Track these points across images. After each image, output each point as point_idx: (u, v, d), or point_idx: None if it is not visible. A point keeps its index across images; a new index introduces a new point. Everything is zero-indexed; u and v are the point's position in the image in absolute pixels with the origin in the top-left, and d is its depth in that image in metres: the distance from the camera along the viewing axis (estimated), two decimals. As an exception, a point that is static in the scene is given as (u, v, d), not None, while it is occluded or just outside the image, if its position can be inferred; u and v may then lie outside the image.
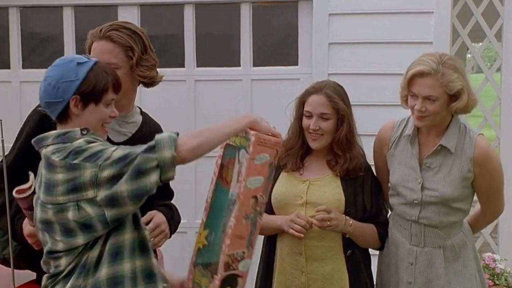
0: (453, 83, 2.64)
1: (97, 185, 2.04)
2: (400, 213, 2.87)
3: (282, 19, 4.87)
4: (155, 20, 4.94)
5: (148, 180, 2.04)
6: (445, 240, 2.81)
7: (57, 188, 2.08)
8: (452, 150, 2.74)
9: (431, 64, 2.62)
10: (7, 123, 2.49)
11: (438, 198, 2.75)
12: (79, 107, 2.17)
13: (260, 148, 2.25)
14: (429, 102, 2.65)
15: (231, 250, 2.24)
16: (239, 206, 2.25)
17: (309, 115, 2.87)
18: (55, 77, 2.15)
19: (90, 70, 2.18)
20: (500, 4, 4.47)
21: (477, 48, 4.88)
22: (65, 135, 2.14)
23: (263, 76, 4.75)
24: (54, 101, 2.16)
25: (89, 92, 2.17)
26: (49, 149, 2.13)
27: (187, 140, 2.11)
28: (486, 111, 4.56)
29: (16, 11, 5.00)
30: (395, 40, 4.34)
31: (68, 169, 2.06)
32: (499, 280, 4.16)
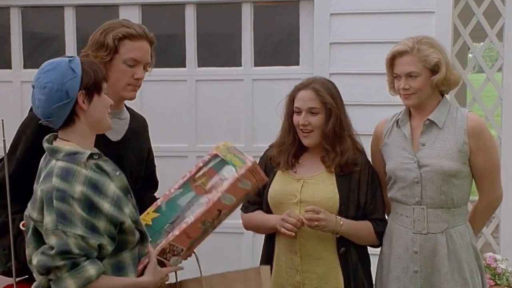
0: (430, 57, 2.79)
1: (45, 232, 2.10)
2: (401, 199, 2.89)
3: (283, 19, 4.87)
4: (156, 20, 4.94)
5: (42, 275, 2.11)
6: (448, 226, 2.84)
7: (34, 200, 2.16)
8: (440, 124, 2.84)
9: (407, 43, 2.83)
10: (9, 123, 2.49)
11: (437, 172, 2.80)
12: (86, 102, 2.18)
13: (249, 176, 2.42)
14: (411, 79, 2.80)
15: (174, 242, 2.38)
16: (204, 210, 2.39)
17: (298, 111, 2.88)
18: (55, 80, 2.16)
19: (82, 63, 2.20)
20: (501, 3, 4.46)
21: (478, 48, 4.87)
22: (75, 155, 2.15)
23: (264, 76, 4.75)
24: (63, 104, 2.16)
25: (92, 83, 2.19)
26: (58, 164, 2.15)
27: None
28: (487, 111, 4.55)
29: (17, 11, 5.00)
30: (397, 40, 4.27)
31: (46, 198, 2.10)
32: (501, 280, 4.15)
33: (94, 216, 2.10)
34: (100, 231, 2.11)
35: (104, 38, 2.58)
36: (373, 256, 3.03)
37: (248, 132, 4.75)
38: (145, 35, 2.62)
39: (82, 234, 2.07)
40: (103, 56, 2.56)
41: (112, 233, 2.15)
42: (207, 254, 4.91)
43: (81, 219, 2.08)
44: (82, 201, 2.08)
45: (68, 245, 2.06)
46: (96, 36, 2.61)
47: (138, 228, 2.24)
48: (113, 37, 2.56)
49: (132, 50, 2.60)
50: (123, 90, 2.64)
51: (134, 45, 2.60)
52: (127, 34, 2.58)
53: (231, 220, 3.04)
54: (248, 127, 4.77)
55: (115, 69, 2.60)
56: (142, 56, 2.62)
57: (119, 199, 2.15)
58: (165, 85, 4.75)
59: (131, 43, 2.59)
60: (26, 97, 4.91)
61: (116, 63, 2.60)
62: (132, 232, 2.20)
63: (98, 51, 2.58)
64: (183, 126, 4.82)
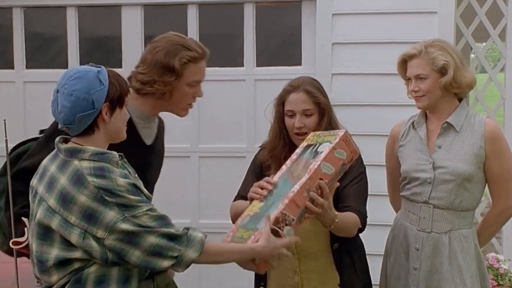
0: (437, 59, 2.83)
1: (111, 230, 2.10)
2: (410, 197, 2.92)
3: (286, 19, 4.87)
4: (159, 20, 4.94)
5: (160, 262, 2.17)
6: (453, 227, 2.85)
7: (74, 206, 2.11)
8: (458, 128, 2.86)
9: (417, 47, 2.89)
10: (11, 123, 2.49)
11: (451, 175, 2.82)
12: (108, 114, 2.20)
13: (343, 145, 2.51)
14: (420, 82, 2.86)
15: (285, 211, 2.42)
16: (307, 179, 2.46)
17: (292, 114, 2.86)
18: (82, 89, 2.15)
19: (108, 76, 2.21)
20: (504, 4, 4.46)
21: (480, 48, 4.87)
22: (103, 155, 2.18)
23: (266, 76, 4.75)
24: (87, 113, 2.17)
25: (117, 97, 2.22)
26: (84, 164, 2.15)
27: (211, 251, 2.26)
28: (490, 111, 4.55)
29: (19, 11, 5.00)
30: (399, 40, 4.33)
31: (96, 200, 2.10)
32: (503, 281, 4.15)
33: (142, 196, 2.18)
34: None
35: (168, 61, 2.60)
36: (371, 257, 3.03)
37: (250, 132, 4.75)
38: (204, 53, 2.68)
39: (149, 208, 2.16)
40: (171, 82, 2.62)
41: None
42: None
43: (138, 201, 2.14)
44: (129, 189, 2.14)
45: (156, 218, 2.17)
46: (159, 58, 2.62)
47: None
48: (179, 63, 2.60)
49: (196, 72, 2.67)
50: (182, 109, 2.75)
51: (197, 68, 2.66)
52: (191, 59, 2.63)
53: (232, 220, 3.06)
54: (250, 127, 4.77)
55: (178, 91, 2.66)
56: (202, 77, 2.70)
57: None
58: (167, 85, 4.75)
59: (195, 66, 2.66)
60: (29, 97, 4.96)
61: (179, 86, 2.65)
62: None
63: (164, 76, 2.61)
64: (185, 126, 4.82)
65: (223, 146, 3.12)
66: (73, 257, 2.13)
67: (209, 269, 4.90)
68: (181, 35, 2.70)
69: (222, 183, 4.51)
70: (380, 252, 3.12)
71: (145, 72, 2.64)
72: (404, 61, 2.92)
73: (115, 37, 4.92)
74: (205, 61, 2.70)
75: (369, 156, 3.03)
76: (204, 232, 2.24)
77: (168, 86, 2.62)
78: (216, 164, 3.08)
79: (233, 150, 4.40)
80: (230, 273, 4.87)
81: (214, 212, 4.68)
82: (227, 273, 4.88)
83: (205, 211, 4.79)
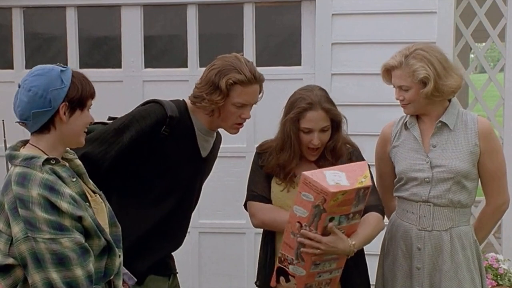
0: (417, 72, 2.82)
1: (14, 243, 2.08)
2: (409, 197, 2.92)
3: (285, 19, 4.86)
4: (158, 20, 4.95)
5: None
6: (453, 224, 2.87)
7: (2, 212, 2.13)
8: (451, 126, 2.89)
9: (397, 58, 2.88)
10: (10, 124, 2.49)
11: (449, 173, 2.84)
12: (67, 114, 2.18)
13: (306, 188, 2.55)
14: (404, 92, 2.88)
15: (282, 251, 2.72)
16: (287, 223, 2.67)
17: (308, 131, 2.85)
18: (41, 86, 2.15)
19: (72, 76, 2.20)
20: (503, 4, 4.46)
21: (480, 48, 4.87)
22: (31, 160, 2.14)
23: (266, 76, 4.69)
24: (42, 111, 2.15)
25: (77, 98, 2.19)
26: (15, 170, 2.14)
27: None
28: (490, 111, 4.55)
29: (19, 11, 5.00)
30: (398, 40, 4.32)
31: (10, 209, 2.09)
32: (502, 281, 4.15)
33: (58, 215, 2.07)
34: (69, 228, 2.08)
35: (218, 81, 2.71)
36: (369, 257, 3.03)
37: (250, 132, 4.74)
38: (254, 79, 2.76)
39: (50, 237, 2.06)
40: (217, 101, 2.72)
41: (80, 228, 2.12)
42: (210, 254, 4.93)
43: (44, 221, 2.06)
44: (42, 203, 2.06)
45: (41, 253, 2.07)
46: (211, 76, 2.74)
47: (104, 236, 2.20)
48: (226, 83, 2.70)
49: (242, 95, 2.75)
50: (230, 127, 2.85)
51: (244, 91, 2.75)
52: (238, 81, 2.72)
53: (233, 220, 3.06)
54: (250, 127, 4.76)
55: (224, 109, 2.77)
56: (249, 100, 2.79)
57: (75, 200, 2.12)
58: (167, 85, 4.74)
59: (241, 89, 2.74)
60: (28, 97, 4.93)
61: (226, 105, 2.75)
62: (96, 234, 2.16)
63: (212, 94, 2.72)
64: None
65: (222, 146, 3.11)
66: (10, 263, 2.11)
67: (209, 269, 4.90)
68: (240, 57, 2.79)
69: (221, 183, 4.51)
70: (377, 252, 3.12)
71: (198, 87, 2.78)
72: (387, 70, 2.93)
73: (114, 37, 4.92)
74: (255, 86, 2.78)
75: (368, 155, 3.04)
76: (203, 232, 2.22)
77: (214, 105, 2.73)
78: (215, 163, 3.08)
79: (232, 150, 4.39)
80: (230, 273, 4.88)
81: (214, 212, 4.68)
82: (227, 273, 4.89)
83: (204, 210, 4.78)
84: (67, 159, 2.30)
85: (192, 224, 3.11)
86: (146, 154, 2.73)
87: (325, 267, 2.70)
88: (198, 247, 4.82)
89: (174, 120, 2.75)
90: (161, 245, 2.85)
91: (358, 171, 2.61)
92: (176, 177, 2.82)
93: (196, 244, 4.79)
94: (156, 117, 2.70)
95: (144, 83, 4.83)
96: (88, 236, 2.14)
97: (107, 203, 2.36)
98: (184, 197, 2.89)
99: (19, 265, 2.10)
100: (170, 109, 2.76)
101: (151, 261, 2.79)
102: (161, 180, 2.80)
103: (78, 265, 2.07)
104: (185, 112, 2.83)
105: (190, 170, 2.88)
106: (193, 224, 4.28)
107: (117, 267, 2.24)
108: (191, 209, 3.01)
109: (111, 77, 4.85)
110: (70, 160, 2.31)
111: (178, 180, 2.83)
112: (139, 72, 4.87)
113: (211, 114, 2.78)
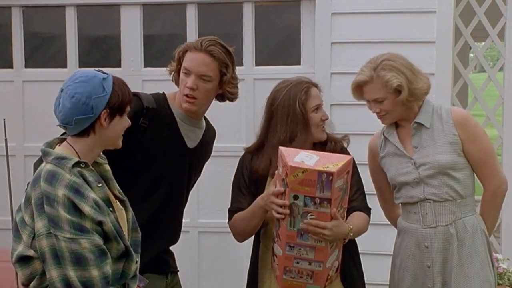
0: (390, 82, 2.85)
1: (36, 238, 2.14)
2: (409, 200, 2.95)
3: (285, 18, 4.87)
4: (158, 20, 4.94)
5: None
6: (456, 217, 2.89)
7: (29, 206, 2.18)
8: (427, 124, 2.93)
9: (366, 72, 2.89)
10: (10, 123, 2.49)
11: (434, 168, 2.88)
12: (107, 120, 2.23)
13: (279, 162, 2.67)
14: (380, 104, 2.90)
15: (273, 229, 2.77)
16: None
17: (317, 107, 2.91)
18: (84, 93, 2.19)
19: (113, 84, 2.25)
20: (503, 3, 4.46)
21: (479, 48, 4.87)
22: (62, 160, 2.20)
23: (265, 75, 4.75)
24: (85, 117, 2.20)
25: (117, 105, 2.25)
26: (46, 167, 2.20)
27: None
28: (489, 111, 4.55)
29: (18, 10, 5.00)
30: (398, 40, 4.33)
31: (37, 204, 2.15)
32: (502, 280, 4.15)
33: (80, 217, 2.13)
34: (89, 230, 2.14)
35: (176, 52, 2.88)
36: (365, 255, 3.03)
37: (249, 131, 4.74)
38: (200, 46, 2.81)
39: (71, 236, 2.11)
40: (172, 69, 2.90)
41: (100, 232, 2.18)
42: (209, 254, 4.93)
43: (67, 221, 2.11)
44: (66, 204, 2.12)
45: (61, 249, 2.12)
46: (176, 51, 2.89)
47: (123, 241, 2.25)
48: (178, 52, 2.85)
49: (187, 60, 2.81)
50: (182, 101, 2.84)
51: (189, 56, 2.81)
52: (186, 47, 2.82)
53: (233, 219, 3.06)
54: (250, 127, 4.77)
55: (179, 80, 2.86)
56: (192, 66, 2.80)
57: (98, 205, 2.18)
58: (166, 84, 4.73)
59: (188, 54, 2.82)
60: (28, 96, 4.96)
61: (180, 74, 2.85)
62: (115, 239, 2.21)
63: (172, 65, 2.90)
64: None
65: (221, 145, 3.12)
66: (30, 255, 2.17)
67: (208, 268, 4.90)
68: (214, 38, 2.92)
69: (220, 183, 4.51)
70: (377, 251, 3.12)
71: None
72: (359, 87, 2.93)
73: (114, 36, 4.92)
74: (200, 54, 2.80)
75: (368, 155, 3.04)
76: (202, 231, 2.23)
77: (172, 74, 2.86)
78: (214, 163, 3.08)
79: (232, 149, 4.38)
80: (230, 272, 4.88)
81: (213, 211, 4.68)
82: (227, 272, 4.89)
83: (204, 210, 4.79)
84: (98, 163, 2.36)
85: (192, 223, 3.14)
86: (130, 148, 2.70)
87: (301, 253, 2.67)
88: (197, 247, 4.82)
89: (151, 111, 2.79)
90: (153, 241, 2.78)
91: (333, 159, 2.61)
92: (162, 168, 2.83)
93: (196, 243, 4.79)
94: (133, 110, 2.64)
95: (144, 82, 4.82)
96: (107, 240, 2.20)
97: (130, 209, 2.41)
98: (172, 190, 2.88)
99: (39, 258, 2.15)
100: (146, 100, 2.81)
101: (146, 258, 2.78)
102: (148, 172, 2.81)
103: (95, 266, 2.13)
104: (164, 102, 2.87)
105: (176, 161, 2.87)
106: (192, 224, 4.29)
107: (133, 271, 2.31)
108: (181, 202, 3.00)
109: (110, 76, 4.84)
110: (100, 164, 2.37)
111: (164, 171, 2.84)
112: (138, 71, 4.86)
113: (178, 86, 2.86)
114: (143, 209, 2.76)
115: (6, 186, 4.02)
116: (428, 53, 4.38)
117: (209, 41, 2.82)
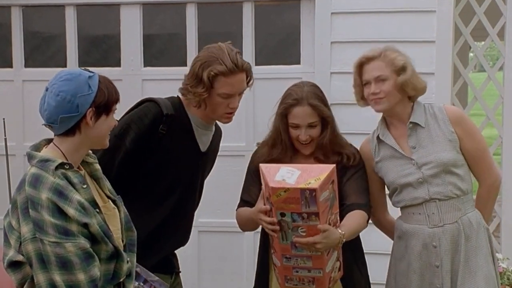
0: (396, 59, 2.88)
1: (21, 243, 2.12)
2: (411, 201, 2.93)
3: (285, 18, 4.87)
4: (157, 19, 4.94)
5: None
6: (462, 214, 2.90)
7: (15, 210, 2.16)
8: (423, 124, 2.93)
9: (375, 49, 2.93)
10: (10, 122, 2.49)
11: (437, 167, 2.88)
12: (93, 119, 2.21)
13: (262, 179, 2.64)
14: (381, 84, 2.88)
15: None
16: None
17: (296, 126, 2.87)
18: (69, 91, 2.17)
19: (99, 82, 2.23)
20: (502, 3, 4.46)
21: (479, 47, 4.87)
22: (46, 162, 2.17)
23: (265, 75, 4.75)
24: (69, 116, 2.18)
25: (103, 103, 2.23)
26: (30, 171, 2.17)
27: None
28: (489, 110, 4.55)
29: (18, 10, 5.00)
30: (398, 39, 4.32)
31: (22, 209, 2.13)
32: (502, 279, 4.15)
33: (64, 220, 2.11)
34: (75, 233, 2.11)
35: (201, 73, 2.74)
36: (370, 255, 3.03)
37: (249, 131, 4.75)
38: (236, 68, 2.76)
39: (56, 240, 2.09)
40: (201, 93, 2.75)
41: (86, 234, 2.15)
42: (209, 253, 4.93)
43: (51, 225, 2.09)
44: (50, 207, 2.10)
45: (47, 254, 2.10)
46: (195, 68, 2.78)
47: (111, 242, 2.21)
48: (208, 76, 2.73)
49: (225, 86, 2.76)
50: (220, 117, 2.87)
51: (227, 81, 2.75)
52: (219, 73, 2.73)
53: (232, 219, 3.06)
54: (249, 126, 4.78)
55: (211, 101, 2.79)
56: (234, 90, 2.79)
57: (83, 207, 2.14)
58: (166, 84, 4.74)
59: (224, 79, 2.75)
60: (27, 96, 4.96)
61: (212, 96, 2.77)
62: (103, 240, 2.18)
63: (196, 88, 2.75)
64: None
65: (221, 145, 3.12)
66: (20, 260, 2.15)
67: (208, 268, 4.90)
68: (224, 47, 2.80)
69: (221, 182, 4.51)
70: (378, 251, 3.12)
71: (185, 80, 2.80)
72: (361, 65, 2.94)
73: (113, 36, 4.92)
74: (239, 75, 2.79)
75: (368, 155, 3.03)
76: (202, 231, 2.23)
77: (199, 97, 2.75)
78: (219, 166, 3.08)
79: (232, 149, 4.39)
80: (230, 272, 4.88)
81: (213, 211, 4.68)
82: (227, 272, 4.89)
83: (204, 210, 4.78)
84: (88, 162, 2.34)
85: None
86: (147, 155, 2.74)
87: (298, 262, 2.67)
88: (197, 246, 4.82)
89: (170, 118, 2.77)
90: (165, 243, 2.87)
91: (315, 172, 2.56)
92: (178, 174, 2.84)
93: (196, 243, 4.78)
94: (153, 116, 2.72)
95: (144, 82, 4.83)
96: (95, 241, 2.17)
97: (123, 208, 2.38)
98: (186, 194, 2.91)
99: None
100: (165, 107, 2.78)
101: (155, 260, 2.80)
102: (164, 178, 2.81)
103: (81, 269, 2.10)
104: (181, 108, 2.85)
105: (191, 166, 2.89)
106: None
107: (125, 271, 2.27)
108: (194, 205, 3.03)
109: (110, 75, 4.64)
110: (90, 164, 2.35)
111: (179, 177, 2.85)
112: (138, 70, 4.87)
113: (199, 106, 2.79)
114: (158, 214, 2.81)
115: (6, 186, 4.03)
116: (428, 52, 4.38)
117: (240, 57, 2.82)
